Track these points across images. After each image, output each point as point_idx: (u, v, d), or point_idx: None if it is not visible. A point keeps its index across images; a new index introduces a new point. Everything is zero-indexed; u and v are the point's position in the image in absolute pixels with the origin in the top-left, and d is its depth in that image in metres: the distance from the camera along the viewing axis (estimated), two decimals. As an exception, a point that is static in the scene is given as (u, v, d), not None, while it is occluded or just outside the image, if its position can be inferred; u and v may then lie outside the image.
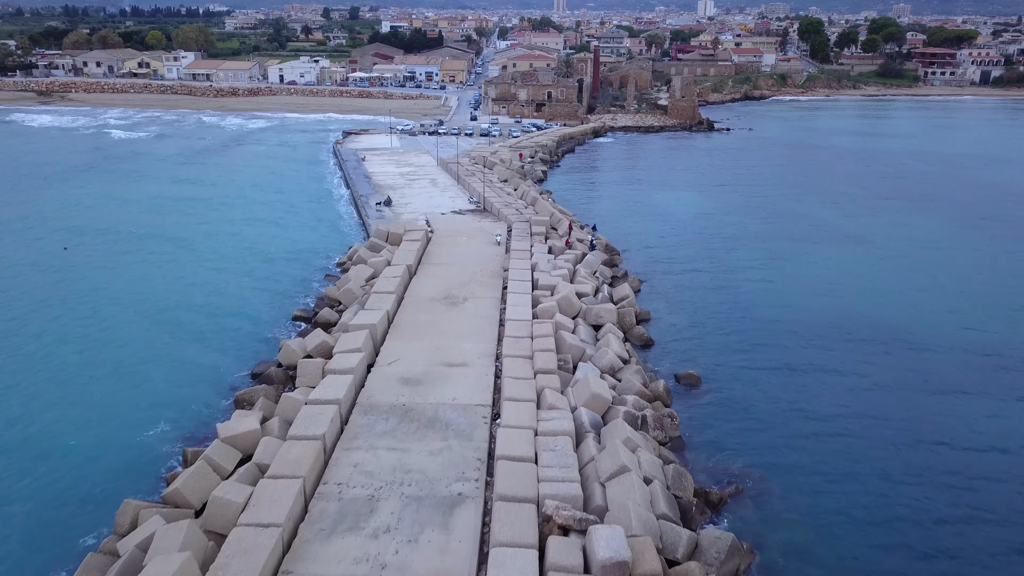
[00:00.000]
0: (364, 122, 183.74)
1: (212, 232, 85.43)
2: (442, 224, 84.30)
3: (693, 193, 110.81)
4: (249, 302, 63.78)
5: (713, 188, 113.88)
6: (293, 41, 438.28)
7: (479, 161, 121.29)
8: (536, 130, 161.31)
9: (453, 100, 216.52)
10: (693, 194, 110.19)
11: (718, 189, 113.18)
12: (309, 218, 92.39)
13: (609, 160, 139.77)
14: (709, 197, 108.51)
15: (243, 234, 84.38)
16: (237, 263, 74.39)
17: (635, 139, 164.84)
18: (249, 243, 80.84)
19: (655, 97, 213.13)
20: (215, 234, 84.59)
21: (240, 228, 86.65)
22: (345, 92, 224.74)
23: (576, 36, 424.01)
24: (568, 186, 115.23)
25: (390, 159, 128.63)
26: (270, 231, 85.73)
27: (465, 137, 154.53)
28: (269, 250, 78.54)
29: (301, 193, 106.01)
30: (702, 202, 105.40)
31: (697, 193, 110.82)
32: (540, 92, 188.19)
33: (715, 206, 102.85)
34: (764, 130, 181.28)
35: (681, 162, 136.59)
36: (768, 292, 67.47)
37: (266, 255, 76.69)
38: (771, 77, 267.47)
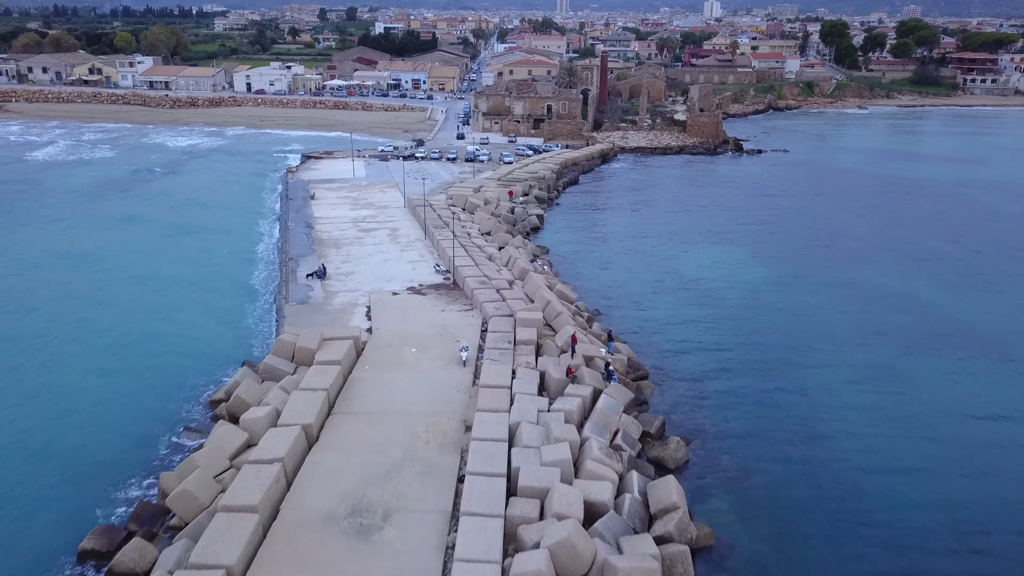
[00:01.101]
0: (333, 140, 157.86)
1: (47, 330, 59.43)
2: (389, 316, 58.39)
3: (735, 251, 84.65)
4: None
5: (759, 243, 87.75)
6: (280, 43, 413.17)
7: (458, 201, 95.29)
8: (533, 153, 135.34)
9: (440, 113, 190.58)
10: (735, 253, 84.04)
11: (766, 245, 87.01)
12: (207, 302, 66.22)
13: (621, 196, 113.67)
14: (756, 258, 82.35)
15: (89, 344, 58.19)
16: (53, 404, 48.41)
17: (650, 164, 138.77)
18: (83, 362, 54.52)
19: (670, 110, 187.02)
20: (51, 335, 58.59)
21: (91, 332, 60.26)
22: (319, 103, 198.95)
23: (580, 39, 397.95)
24: (570, 239, 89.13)
25: (347, 196, 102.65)
26: (133, 334, 59.27)
27: (447, 162, 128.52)
28: (112, 375, 52.39)
29: (211, 257, 79.66)
30: (747, 267, 79.26)
31: (741, 252, 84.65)
32: (539, 105, 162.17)
33: (767, 274, 76.72)
34: (800, 151, 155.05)
35: (710, 199, 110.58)
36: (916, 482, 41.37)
37: (102, 390, 50.40)
38: (796, 86, 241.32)
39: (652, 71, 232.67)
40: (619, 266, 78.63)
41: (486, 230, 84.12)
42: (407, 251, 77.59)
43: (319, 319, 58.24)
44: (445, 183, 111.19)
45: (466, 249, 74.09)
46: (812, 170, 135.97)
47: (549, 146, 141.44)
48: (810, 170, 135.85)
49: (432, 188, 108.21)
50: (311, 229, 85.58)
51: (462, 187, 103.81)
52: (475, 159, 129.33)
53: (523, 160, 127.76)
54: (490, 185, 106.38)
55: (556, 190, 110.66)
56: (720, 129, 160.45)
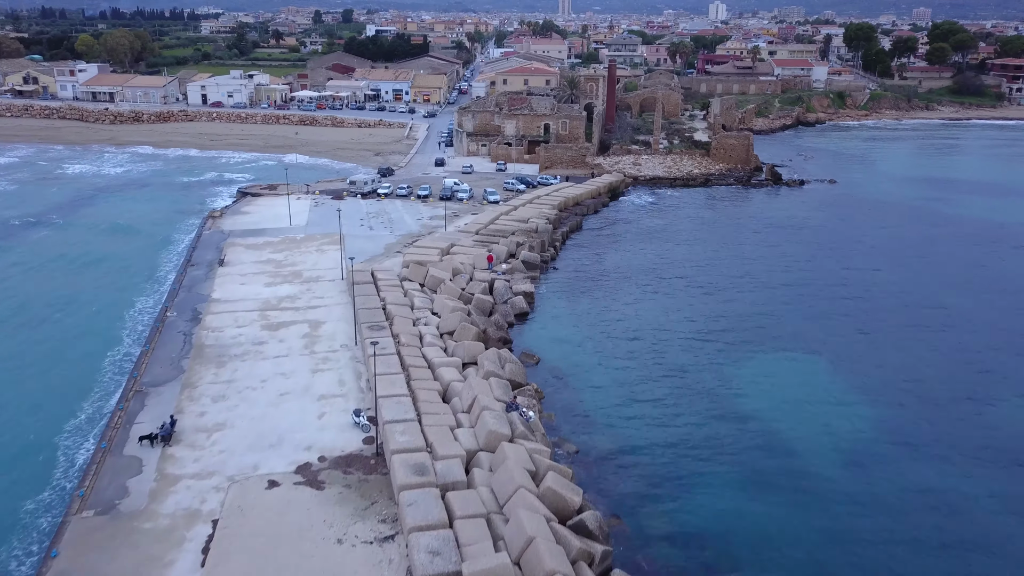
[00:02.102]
0: (289, 166, 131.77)
1: None
2: (240, 560, 32.02)
3: (814, 367, 58.23)
4: None
5: (848, 352, 61.25)
6: (263, 47, 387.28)
7: (415, 274, 68.85)
8: (525, 188, 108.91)
9: (422, 129, 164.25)
10: (815, 371, 57.63)
11: (862, 358, 60.51)
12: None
13: (637, 254, 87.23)
14: (850, 382, 55.97)
15: None
16: None
17: (670, 201, 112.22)
18: None
19: (688, 127, 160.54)
20: None
21: None
22: (283, 118, 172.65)
23: (582, 43, 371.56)
24: (571, 336, 62.63)
25: (270, 259, 76.35)
26: None
27: (416, 202, 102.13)
28: None
29: (11, 393, 53.33)
30: (844, 405, 52.83)
31: (824, 368, 58.25)
32: (534, 125, 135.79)
33: (882, 422, 50.30)
34: (850, 181, 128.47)
35: (757, 260, 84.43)
36: None
37: None
38: (826, 96, 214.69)
39: (665, 80, 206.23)
40: (647, 394, 52.15)
41: (449, 328, 57.73)
42: (322, 372, 51.28)
43: (108, 570, 31.87)
44: (407, 237, 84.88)
45: (410, 377, 47.76)
46: (875, 211, 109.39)
47: (545, 177, 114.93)
48: (873, 211, 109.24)
49: (389, 244, 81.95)
50: (197, 324, 59.28)
51: (426, 246, 77.36)
52: (451, 197, 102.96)
53: (512, 199, 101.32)
54: (465, 242, 79.93)
55: (553, 246, 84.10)
56: (751, 153, 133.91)
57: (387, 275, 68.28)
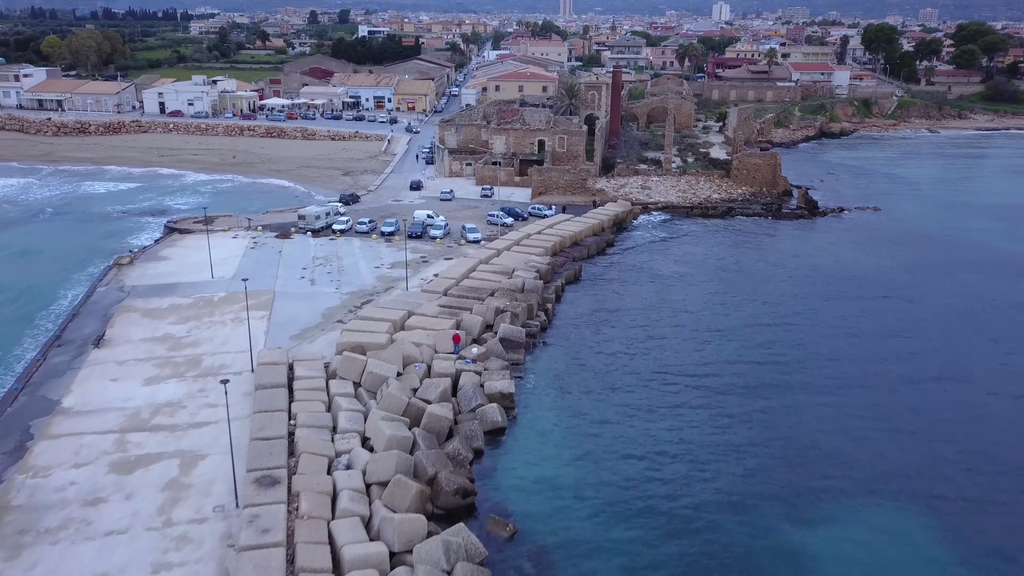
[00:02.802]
0: (241, 189, 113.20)
1: None
2: None
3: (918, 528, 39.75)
4: None
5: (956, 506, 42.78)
6: (248, 48, 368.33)
7: (348, 370, 49.96)
8: (512, 222, 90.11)
9: (401, 143, 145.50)
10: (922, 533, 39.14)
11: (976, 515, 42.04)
12: None
13: (651, 320, 68.59)
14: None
15: None
16: None
17: (688, 237, 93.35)
18: None
19: (703, 142, 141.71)
20: None
21: None
22: (248, 129, 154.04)
23: (583, 44, 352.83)
24: (562, 485, 43.78)
25: (168, 333, 57.66)
26: None
27: (379, 240, 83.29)
28: None
29: None
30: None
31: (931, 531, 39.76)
32: (527, 141, 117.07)
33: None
34: (895, 208, 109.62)
35: (807, 327, 65.97)
36: None
37: None
38: (851, 104, 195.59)
39: (674, 86, 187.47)
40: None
41: (380, 477, 38.76)
42: (167, 574, 32.53)
43: None
44: (357, 296, 66.27)
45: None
46: (938, 253, 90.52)
47: (538, 207, 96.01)
48: (935, 254, 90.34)
49: (330, 310, 63.25)
50: (17, 460, 40.63)
51: (374, 317, 58.52)
52: (422, 234, 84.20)
53: (496, 238, 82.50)
54: (427, 308, 61.01)
55: (544, 309, 65.23)
56: (778, 174, 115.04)
57: (310, 369, 49.54)
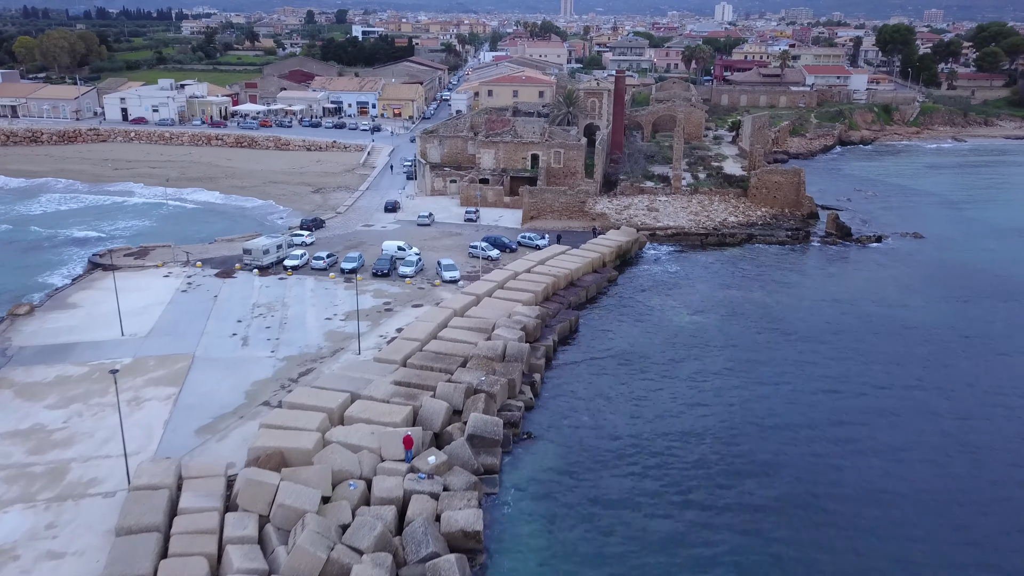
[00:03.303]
0: (196, 210, 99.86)
1: None
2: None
3: None
4: None
5: None
6: (237, 49, 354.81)
7: (254, 500, 36.38)
8: (498, 255, 76.82)
9: (382, 154, 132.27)
10: None
11: None
12: None
13: (665, 393, 55.57)
14: None
15: None
16: None
17: (703, 272, 79.96)
18: None
19: (715, 154, 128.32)
20: None
21: None
22: (216, 138, 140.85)
23: (584, 45, 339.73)
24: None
25: (36, 425, 44.40)
26: None
27: (336, 281, 69.90)
28: None
29: None
30: None
31: None
32: (518, 155, 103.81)
33: None
34: (940, 234, 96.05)
35: (865, 418, 52.92)
36: None
37: None
38: (870, 110, 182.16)
39: (681, 90, 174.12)
40: None
41: None
42: None
43: None
44: (295, 361, 53.05)
45: None
46: (992, 288, 77.13)
47: (529, 236, 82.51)
48: (989, 289, 76.97)
49: (257, 387, 49.98)
50: None
51: (304, 406, 45.10)
52: (390, 272, 70.90)
53: (477, 279, 69.17)
54: (377, 389, 47.48)
55: (530, 382, 51.81)
56: (802, 194, 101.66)
57: (203, 495, 36.14)
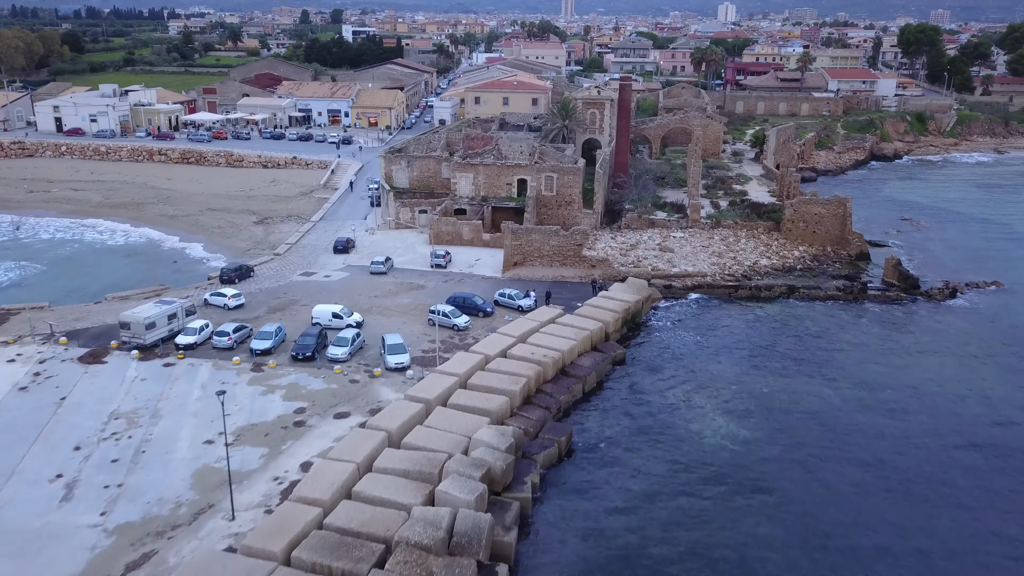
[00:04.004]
0: (101, 252, 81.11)
1: None
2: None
3: None
4: None
5: None
6: (219, 49, 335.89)
7: None
8: (467, 324, 58.24)
9: (348, 173, 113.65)
10: None
11: None
12: None
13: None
14: None
15: None
16: None
17: (736, 342, 61.30)
18: None
19: (736, 175, 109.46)
20: None
21: None
22: (159, 153, 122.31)
23: (584, 46, 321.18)
24: None
25: None
26: None
27: (241, 368, 51.07)
28: None
29: None
30: None
31: None
32: (502, 181, 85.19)
33: None
34: (1019, 278, 77.30)
35: None
36: None
37: None
38: (902, 119, 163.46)
39: (692, 96, 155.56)
40: None
41: None
42: None
43: None
44: (130, 534, 34.32)
45: None
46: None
47: (509, 295, 63.81)
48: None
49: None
50: None
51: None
52: (311, 354, 52.21)
53: (434, 364, 50.54)
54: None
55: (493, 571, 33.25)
56: (849, 229, 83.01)
57: None
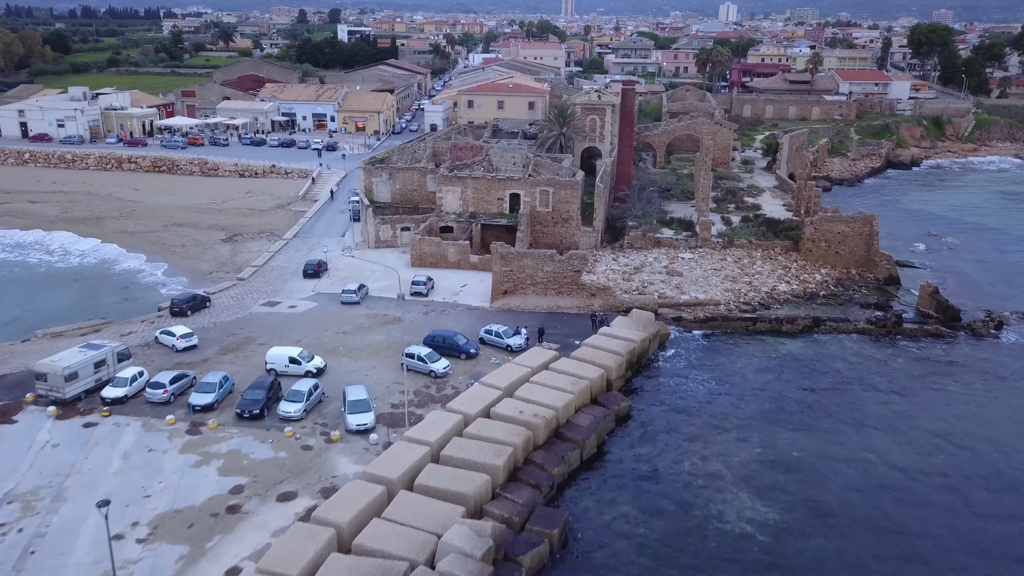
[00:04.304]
0: (47, 275, 73.08)
1: None
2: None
3: None
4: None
5: None
6: (210, 49, 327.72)
7: None
8: (447, 369, 50.24)
9: (330, 183, 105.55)
10: None
11: None
12: None
13: None
14: None
15: None
16: None
17: (755, 386, 53.31)
18: None
19: (747, 187, 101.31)
20: None
21: None
22: (129, 161, 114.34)
23: (584, 47, 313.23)
24: None
25: None
26: None
27: (176, 431, 42.90)
28: None
29: None
30: None
31: None
32: (492, 196, 77.21)
33: None
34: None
35: None
36: None
37: None
38: (918, 123, 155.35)
39: (696, 99, 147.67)
40: None
41: None
42: None
43: None
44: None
45: None
46: None
47: (497, 333, 55.69)
48: None
49: None
50: None
51: None
52: (260, 411, 44.15)
53: (407, 422, 42.58)
54: None
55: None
56: (875, 249, 75.04)
57: None
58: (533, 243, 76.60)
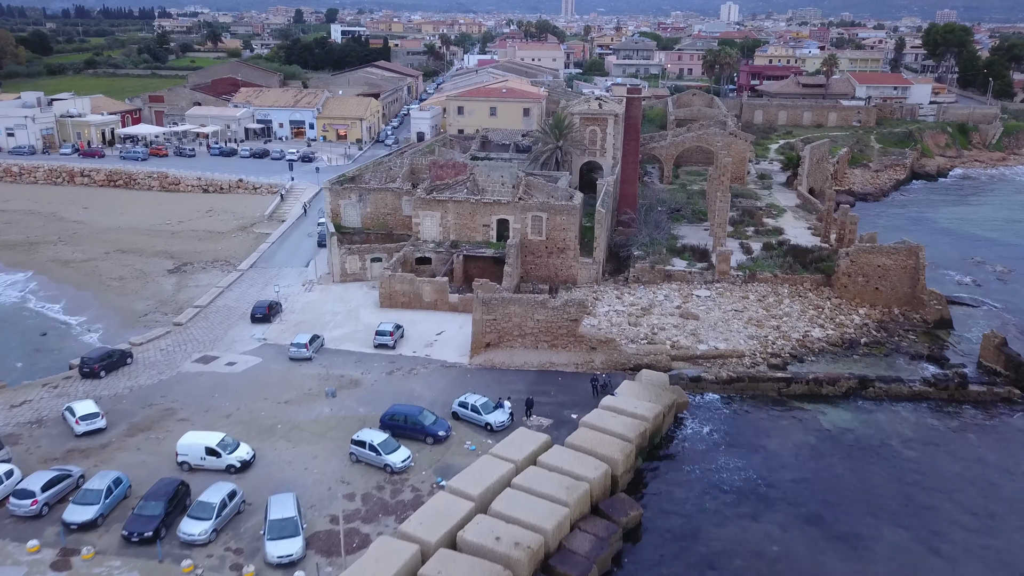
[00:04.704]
0: None
1: None
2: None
3: None
4: None
5: None
6: (197, 50, 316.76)
7: None
8: (406, 460, 39.51)
9: (301, 200, 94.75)
10: None
11: None
12: None
13: None
14: None
15: None
16: None
17: (795, 475, 42.72)
18: None
19: (766, 206, 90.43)
20: None
21: None
22: (82, 174, 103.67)
23: (584, 47, 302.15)
24: None
25: None
26: None
27: (35, 573, 32.26)
28: None
29: None
30: None
31: None
32: (476, 222, 66.53)
33: None
34: None
35: None
36: None
37: None
38: (942, 130, 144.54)
39: (704, 104, 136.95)
40: None
41: None
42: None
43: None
44: None
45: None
46: None
47: (473, 406, 45.06)
48: None
49: None
50: None
51: None
52: (157, 529, 33.47)
53: (337, 542, 31.93)
54: None
55: None
56: (921, 286, 64.38)
57: None
58: (524, 276, 66.01)
